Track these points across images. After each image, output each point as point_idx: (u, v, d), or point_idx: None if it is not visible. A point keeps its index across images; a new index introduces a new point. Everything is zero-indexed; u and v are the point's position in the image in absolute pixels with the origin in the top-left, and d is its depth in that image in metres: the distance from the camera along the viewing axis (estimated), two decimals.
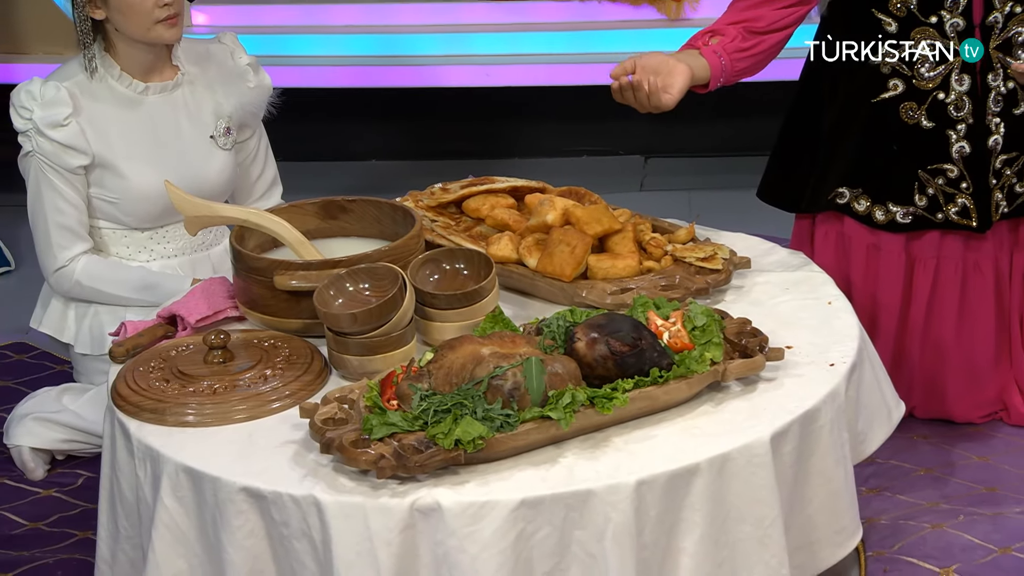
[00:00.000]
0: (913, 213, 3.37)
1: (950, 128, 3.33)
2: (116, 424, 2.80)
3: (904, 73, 3.31)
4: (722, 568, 2.65)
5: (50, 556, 3.22)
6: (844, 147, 3.37)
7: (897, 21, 3.28)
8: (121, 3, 3.36)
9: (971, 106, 3.32)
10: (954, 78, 3.31)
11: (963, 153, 3.34)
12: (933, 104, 3.32)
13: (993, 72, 3.31)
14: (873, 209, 3.38)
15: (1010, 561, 3.06)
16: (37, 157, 3.41)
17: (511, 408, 2.58)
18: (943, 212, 3.36)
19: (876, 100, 3.34)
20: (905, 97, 3.32)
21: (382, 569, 2.52)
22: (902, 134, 3.34)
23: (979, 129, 3.33)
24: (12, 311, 4.24)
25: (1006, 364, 3.50)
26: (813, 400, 2.74)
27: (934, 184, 3.35)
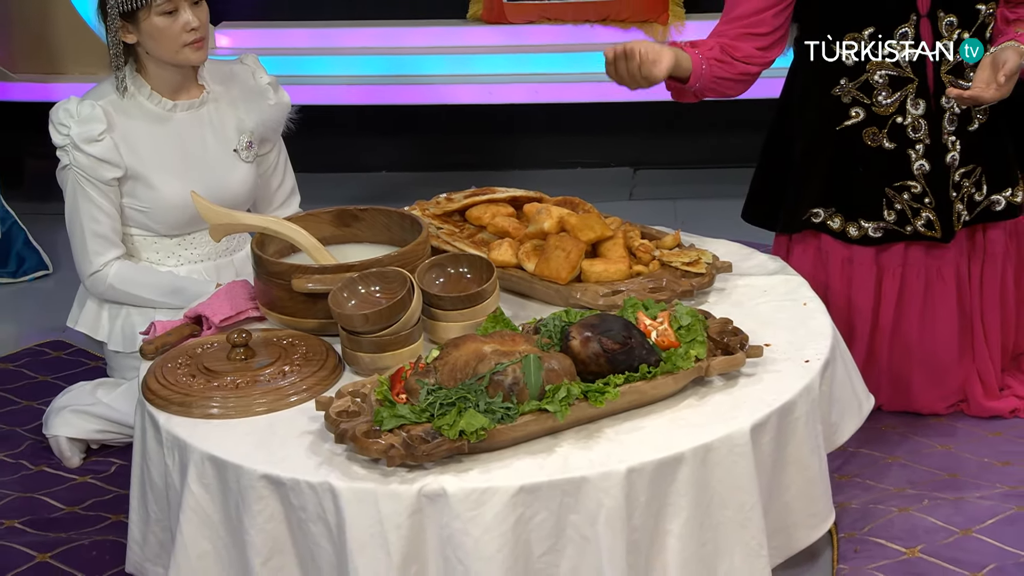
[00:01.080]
0: (884, 228, 3.37)
1: (910, 148, 3.33)
2: (146, 416, 2.80)
3: (864, 102, 3.32)
4: (705, 549, 2.65)
5: (86, 537, 3.22)
6: (816, 171, 3.37)
7: (855, 55, 3.28)
8: (152, 29, 3.36)
9: (927, 127, 3.32)
10: (910, 103, 3.31)
11: (924, 170, 3.34)
12: (893, 127, 3.32)
13: (946, 95, 3.31)
14: (847, 226, 3.39)
15: (971, 542, 3.06)
16: (74, 170, 3.41)
17: (511, 401, 2.58)
18: (911, 225, 3.36)
19: (840, 127, 3.34)
20: (867, 123, 3.33)
21: (392, 550, 2.52)
22: (867, 156, 3.34)
23: (937, 147, 3.33)
24: (50, 311, 4.23)
25: (968, 361, 3.51)
26: (790, 394, 2.74)
27: (901, 200, 3.35)
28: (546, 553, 2.56)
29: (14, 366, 4.01)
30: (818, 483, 2.82)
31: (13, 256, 4.55)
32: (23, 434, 3.67)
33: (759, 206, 3.50)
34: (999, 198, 3.41)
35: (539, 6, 4.73)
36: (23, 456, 3.58)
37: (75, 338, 3.93)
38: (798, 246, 3.45)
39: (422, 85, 4.81)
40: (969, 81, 3.22)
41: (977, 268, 3.47)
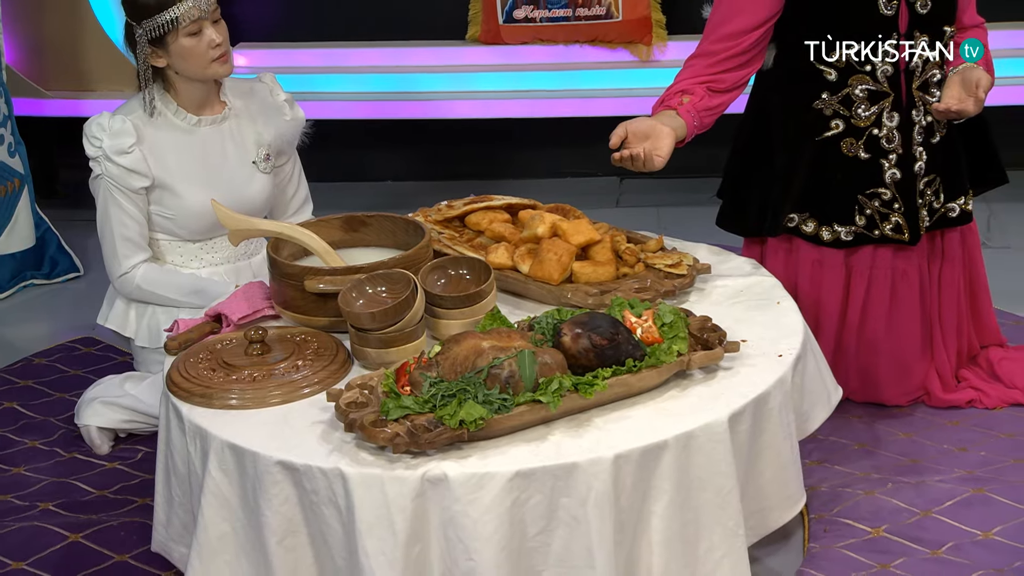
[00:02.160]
0: (855, 232, 3.37)
1: (883, 158, 3.33)
2: (170, 407, 2.80)
3: (843, 114, 3.32)
4: (687, 529, 2.65)
5: (114, 519, 3.22)
6: (795, 179, 3.37)
7: (837, 71, 3.29)
8: (180, 50, 3.35)
9: (900, 139, 3.32)
10: (885, 116, 3.31)
11: (895, 179, 3.34)
12: (869, 138, 3.32)
13: (915, 109, 3.32)
14: (820, 230, 3.39)
15: (930, 522, 3.06)
16: (105, 179, 3.41)
17: (507, 393, 2.58)
18: (879, 229, 3.36)
19: (820, 138, 3.34)
20: (845, 134, 3.33)
21: (397, 530, 2.52)
22: (843, 165, 3.34)
23: (907, 157, 3.33)
24: (81, 310, 4.23)
25: (928, 357, 3.51)
26: (764, 386, 2.74)
27: (871, 206, 3.35)
28: (540, 533, 2.56)
29: (48, 361, 4.00)
30: (791, 468, 2.82)
31: (47, 259, 4.55)
32: (56, 424, 3.67)
33: (734, 214, 3.49)
34: (954, 205, 3.42)
35: (533, 28, 4.72)
36: (56, 444, 3.58)
37: (104, 335, 3.93)
38: (771, 248, 3.45)
39: (425, 101, 4.81)
40: (934, 97, 3.23)
41: (936, 269, 3.47)
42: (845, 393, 3.13)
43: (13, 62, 4.75)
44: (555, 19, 4.71)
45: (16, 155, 4.43)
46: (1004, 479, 3.19)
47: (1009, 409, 3.49)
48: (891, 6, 3.23)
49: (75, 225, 4.67)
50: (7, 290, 4.46)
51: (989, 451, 3.32)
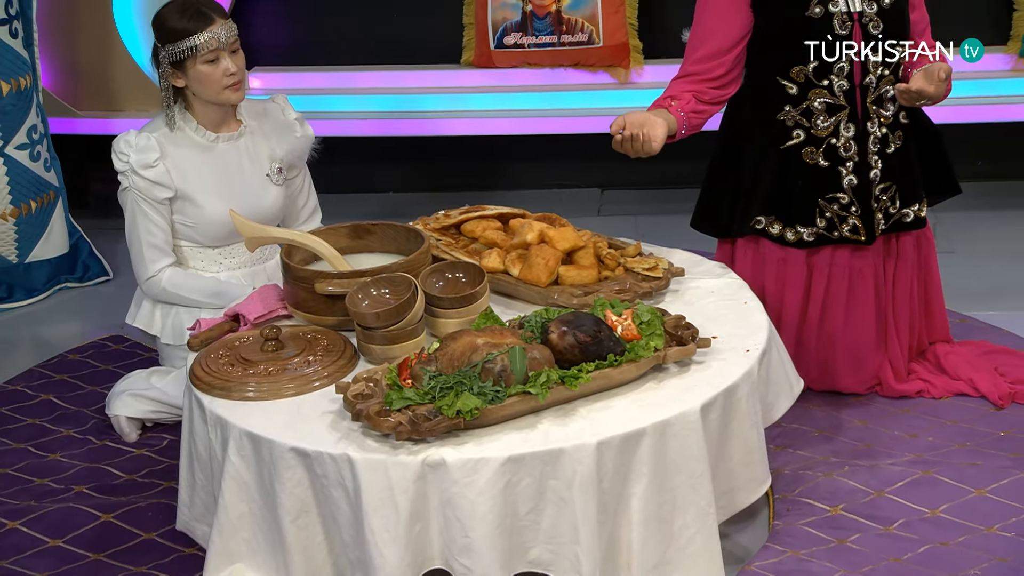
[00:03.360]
0: (816, 233, 3.37)
1: (841, 165, 3.34)
2: (193, 399, 2.79)
3: (804, 125, 3.32)
4: (663, 508, 2.65)
5: (142, 501, 3.21)
6: (761, 185, 3.37)
7: (797, 85, 3.29)
8: (198, 74, 3.35)
9: (856, 148, 3.33)
10: (843, 127, 3.32)
11: (852, 184, 3.34)
12: (828, 147, 3.33)
13: (871, 121, 3.32)
14: (784, 231, 3.39)
15: (884, 501, 3.07)
16: (133, 191, 3.40)
17: (500, 385, 2.58)
18: (838, 230, 3.37)
19: (784, 147, 3.34)
20: (806, 143, 3.33)
21: (400, 510, 2.52)
22: (805, 172, 3.34)
23: (863, 165, 3.34)
24: (111, 311, 4.22)
25: (883, 349, 3.51)
26: (733, 378, 2.74)
27: (831, 209, 3.36)
28: (529, 512, 2.56)
29: (81, 357, 4.00)
30: (757, 453, 2.83)
31: (79, 264, 4.54)
32: (89, 414, 3.66)
33: (707, 216, 3.49)
34: (908, 212, 3.42)
35: (521, 53, 4.72)
36: (89, 432, 3.57)
37: (132, 333, 3.92)
38: (740, 249, 3.45)
39: (424, 119, 4.81)
40: (888, 111, 3.24)
41: (891, 269, 3.47)
42: (805, 383, 3.13)
43: (48, 85, 4.74)
44: (541, 45, 4.71)
45: (51, 169, 4.42)
46: (950, 462, 3.20)
47: (954, 399, 3.49)
48: (845, 26, 3.24)
49: (105, 233, 4.66)
50: (43, 292, 4.46)
51: (936, 437, 3.32)
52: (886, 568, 2.84)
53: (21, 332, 4.25)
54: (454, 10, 4.76)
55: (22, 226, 4.35)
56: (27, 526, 3.13)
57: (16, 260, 4.38)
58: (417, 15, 4.85)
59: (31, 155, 4.33)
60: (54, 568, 2.99)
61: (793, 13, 3.22)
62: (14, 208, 4.31)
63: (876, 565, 2.85)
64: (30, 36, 4.32)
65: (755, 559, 2.89)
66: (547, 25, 4.68)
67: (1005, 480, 3.11)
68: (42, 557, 3.03)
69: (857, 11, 3.23)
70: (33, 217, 4.37)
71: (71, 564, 3.00)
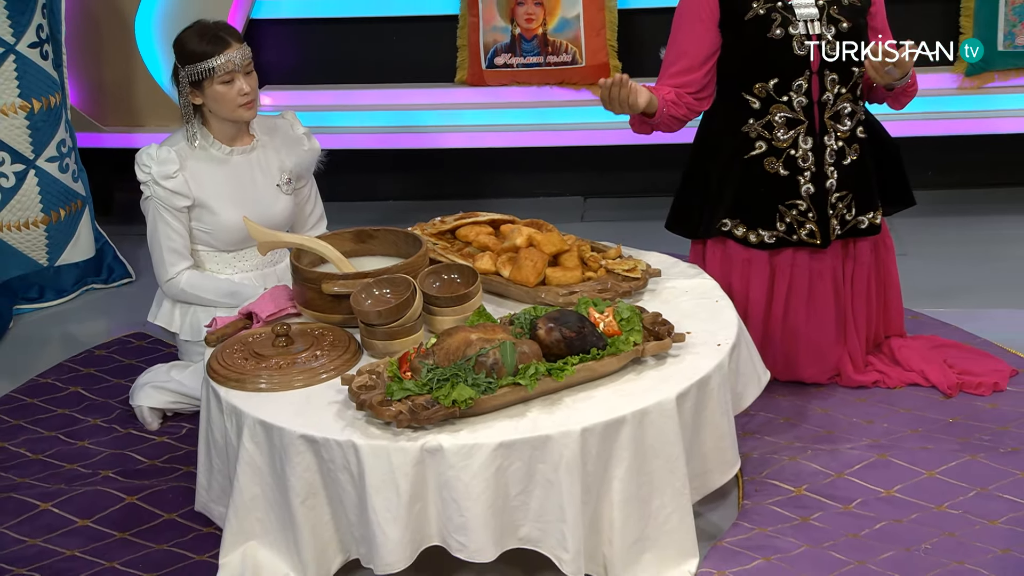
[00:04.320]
0: (776, 236, 3.38)
1: (799, 175, 3.34)
2: (210, 390, 2.79)
3: (766, 137, 3.32)
4: (642, 490, 2.65)
5: (163, 484, 3.21)
6: (727, 191, 3.38)
7: (760, 100, 3.30)
8: (214, 93, 3.35)
9: (814, 159, 3.33)
10: (801, 139, 3.32)
11: (809, 192, 3.34)
12: (787, 158, 3.33)
13: (828, 135, 3.32)
14: (748, 234, 3.39)
15: (843, 482, 3.07)
16: (154, 200, 3.40)
17: (492, 377, 2.58)
18: (796, 234, 3.37)
19: (747, 156, 3.35)
20: (768, 154, 3.33)
21: (401, 492, 2.52)
22: (766, 180, 3.35)
23: (820, 175, 3.34)
24: (133, 310, 4.22)
25: (842, 343, 3.51)
26: (706, 370, 2.75)
27: (790, 215, 3.36)
28: (520, 493, 2.56)
29: (106, 352, 3.99)
30: (728, 438, 2.83)
31: (105, 267, 4.54)
32: (114, 404, 3.65)
33: (679, 218, 3.49)
34: (863, 219, 3.42)
35: (511, 72, 4.73)
36: (114, 421, 3.57)
37: (153, 331, 3.92)
38: (710, 250, 3.45)
39: (421, 133, 4.81)
40: (845, 126, 3.24)
41: (850, 271, 3.48)
42: (771, 374, 3.14)
43: (76, 102, 4.73)
44: (529, 65, 4.71)
45: (79, 180, 4.42)
46: (903, 446, 3.20)
47: (907, 388, 3.50)
48: (804, 47, 3.24)
49: (128, 239, 4.65)
50: (71, 293, 4.45)
51: (891, 423, 3.33)
52: (845, 543, 2.85)
53: (51, 330, 4.25)
54: (449, 33, 4.76)
55: (52, 232, 4.34)
56: (58, 507, 3.13)
57: (46, 263, 4.37)
58: (414, 37, 4.85)
59: (60, 167, 4.32)
60: (83, 546, 2.99)
61: (756, 34, 3.23)
62: (44, 216, 4.31)
63: (836, 540, 2.86)
64: (59, 58, 4.31)
65: (726, 535, 2.89)
66: (534, 47, 4.68)
67: (953, 462, 3.11)
68: (72, 536, 3.03)
69: (816, 33, 3.24)
70: (62, 224, 4.37)
71: (98, 542, 3.00)
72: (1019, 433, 3.24)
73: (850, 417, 3.37)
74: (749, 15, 3.22)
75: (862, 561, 2.79)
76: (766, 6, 3.22)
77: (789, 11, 3.22)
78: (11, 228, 4.27)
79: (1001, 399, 3.41)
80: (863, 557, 2.80)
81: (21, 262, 4.32)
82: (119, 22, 4.70)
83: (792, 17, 3.22)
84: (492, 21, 4.65)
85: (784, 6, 3.22)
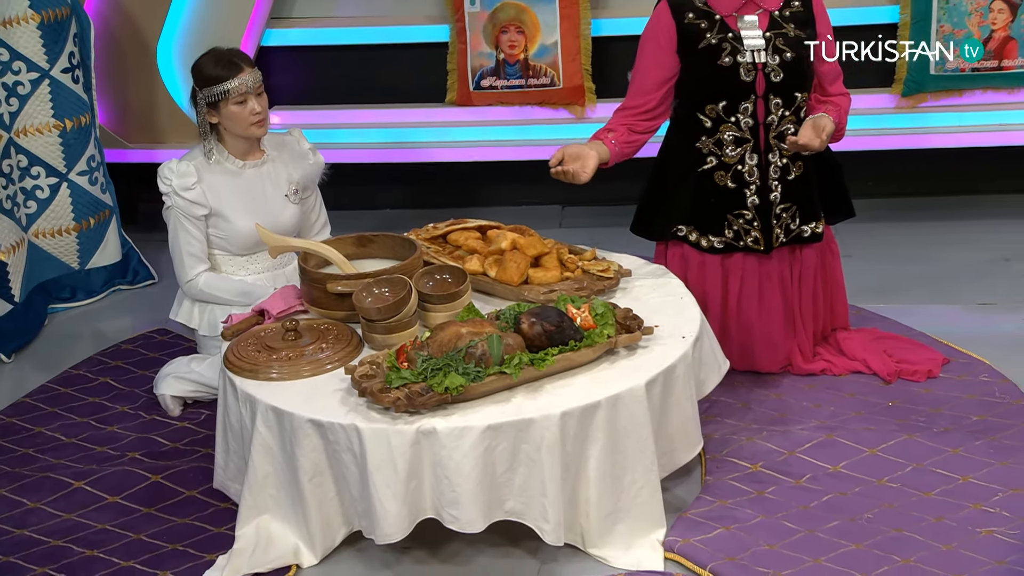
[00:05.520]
0: (724, 242, 3.38)
1: (746, 188, 3.34)
2: (226, 379, 2.79)
3: (716, 152, 3.33)
4: (615, 467, 2.66)
5: (184, 464, 3.20)
6: (682, 200, 3.38)
7: (711, 120, 3.30)
8: (230, 114, 3.34)
9: (759, 174, 3.34)
10: (747, 156, 3.32)
11: (755, 204, 3.35)
12: (735, 172, 3.33)
13: (772, 153, 3.32)
14: (700, 239, 3.39)
15: (794, 460, 3.08)
16: (175, 210, 3.39)
17: (480, 366, 2.59)
18: (743, 241, 3.37)
19: (700, 170, 3.35)
20: (717, 168, 3.33)
21: (399, 470, 2.52)
22: (716, 191, 3.34)
23: (765, 189, 3.34)
24: (156, 309, 4.20)
25: (791, 337, 3.52)
26: (672, 360, 2.76)
27: (737, 223, 3.36)
28: (506, 471, 2.57)
29: (132, 346, 3.98)
30: (692, 421, 2.84)
31: (130, 270, 4.52)
32: (140, 393, 3.64)
33: (642, 223, 3.50)
34: (807, 228, 3.42)
35: (495, 93, 4.72)
36: (140, 408, 3.55)
37: (175, 327, 3.91)
38: (670, 251, 3.45)
39: (415, 148, 4.80)
40: (793, 135, 3.26)
41: (797, 273, 3.48)
42: (730, 364, 3.15)
43: (104, 121, 4.71)
44: (512, 86, 4.71)
45: (106, 192, 4.40)
46: (847, 427, 3.21)
47: (851, 376, 3.50)
48: (750, 74, 3.25)
49: (151, 244, 4.63)
50: (100, 294, 4.43)
51: (836, 407, 3.34)
52: (796, 513, 2.86)
53: (82, 327, 4.23)
54: (440, 58, 4.76)
55: (82, 239, 4.33)
56: (90, 486, 3.12)
57: (78, 267, 4.36)
58: (409, 62, 4.84)
59: (90, 180, 4.31)
60: (113, 520, 2.98)
61: (708, 61, 3.24)
62: (76, 224, 4.30)
63: (788, 511, 2.87)
64: (88, 81, 4.30)
65: (690, 507, 2.90)
66: (517, 70, 4.69)
67: (892, 441, 3.13)
68: (103, 511, 3.02)
69: (761, 62, 3.25)
70: (92, 231, 4.35)
71: (127, 516, 3.00)
72: (951, 415, 3.25)
73: (800, 402, 3.38)
74: (703, 44, 3.23)
75: (811, 529, 2.80)
76: (718, 36, 3.23)
77: (738, 41, 3.23)
78: (46, 235, 4.26)
79: (934, 385, 3.42)
80: (812, 526, 2.81)
81: (55, 265, 4.31)
82: (142, 49, 4.68)
83: (740, 47, 3.23)
84: (479, 47, 4.65)
85: (734, 37, 3.23)
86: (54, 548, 2.89)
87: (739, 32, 3.23)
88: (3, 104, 4.08)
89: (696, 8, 3.23)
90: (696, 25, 3.23)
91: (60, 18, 4.14)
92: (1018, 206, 4.59)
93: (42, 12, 4.08)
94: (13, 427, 3.48)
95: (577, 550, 2.72)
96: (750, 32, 3.24)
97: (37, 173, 4.19)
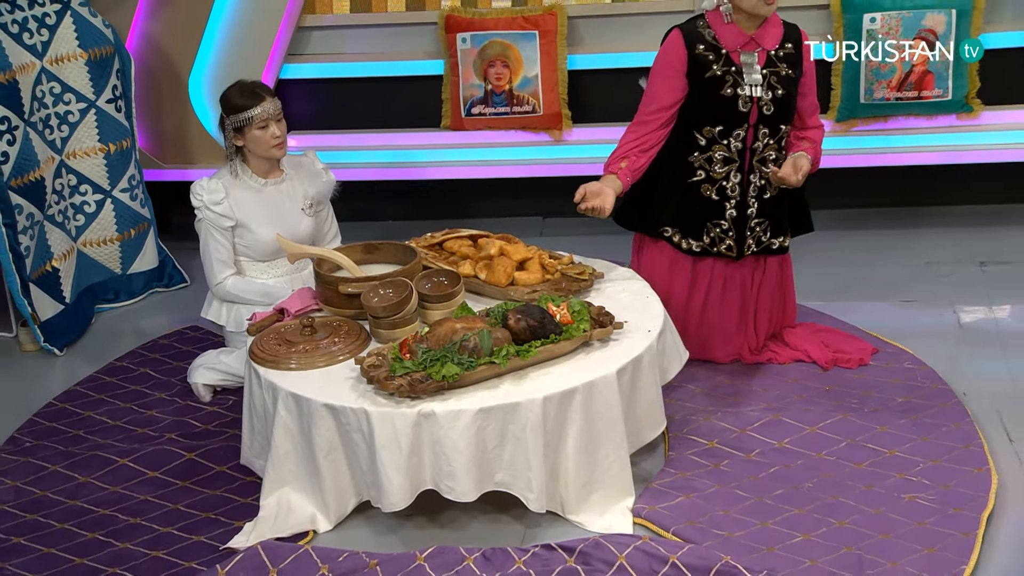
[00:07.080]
0: (701, 246, 3.38)
1: (727, 201, 3.33)
2: (251, 369, 2.79)
3: (706, 168, 3.31)
4: (590, 444, 2.67)
5: (215, 444, 3.19)
6: (669, 205, 3.36)
7: (706, 139, 3.29)
8: (253, 137, 3.35)
9: (740, 191, 3.33)
10: (732, 174, 3.32)
11: (732, 216, 3.34)
12: (719, 187, 3.33)
13: (754, 174, 3.32)
14: (682, 241, 3.39)
15: (745, 437, 3.09)
16: (205, 222, 3.39)
17: (473, 357, 2.60)
18: (718, 247, 3.38)
19: (689, 181, 3.34)
20: (705, 181, 3.32)
21: (402, 447, 2.53)
22: (701, 201, 3.34)
23: (743, 204, 3.34)
24: (189, 308, 4.19)
25: (743, 332, 3.53)
26: (639, 351, 2.77)
27: (714, 231, 3.36)
28: (495, 448, 2.58)
29: (168, 341, 3.97)
30: (656, 404, 2.85)
31: (166, 275, 4.51)
32: (175, 382, 3.63)
33: (627, 215, 3.45)
34: (775, 241, 3.42)
35: (484, 119, 4.72)
36: (176, 395, 3.55)
37: (205, 324, 3.90)
38: (648, 248, 3.42)
39: (415, 168, 4.80)
40: (767, 167, 3.26)
41: (759, 279, 3.47)
42: (690, 354, 3.16)
43: (143, 144, 4.70)
44: (499, 113, 4.71)
45: (145, 206, 4.40)
46: (791, 408, 3.22)
47: (794, 364, 3.51)
48: (746, 105, 3.25)
49: (184, 252, 4.62)
50: (140, 295, 4.42)
51: (782, 391, 3.34)
52: (747, 483, 2.87)
53: (124, 324, 4.22)
54: (435, 89, 4.77)
55: (124, 247, 4.33)
56: (133, 462, 3.11)
57: (120, 272, 4.36)
58: (410, 92, 4.84)
59: (130, 196, 4.31)
60: (153, 492, 2.98)
61: (711, 89, 3.23)
62: (118, 235, 4.30)
63: (740, 482, 2.88)
64: (129, 110, 4.29)
65: (656, 479, 2.91)
66: (503, 99, 4.69)
67: (829, 420, 3.14)
68: (144, 484, 3.02)
69: (757, 96, 3.25)
70: (132, 241, 4.35)
71: (165, 489, 2.99)
72: (879, 397, 3.27)
73: (750, 387, 3.39)
74: (708, 74, 3.22)
75: (760, 497, 2.81)
76: (723, 68, 3.22)
77: (740, 75, 3.23)
78: (92, 244, 4.26)
79: (866, 371, 3.44)
80: (760, 494, 2.82)
81: (100, 271, 4.30)
82: (176, 82, 4.68)
83: (742, 80, 3.23)
84: (469, 79, 4.66)
85: (737, 71, 3.23)
86: (102, 516, 2.89)
87: (741, 67, 3.23)
88: (56, 131, 4.08)
89: (706, 41, 3.22)
90: (705, 56, 3.21)
91: (105, 55, 4.14)
92: (936, 217, 4.63)
93: (89, 50, 4.09)
94: (65, 412, 3.47)
95: (557, 516, 2.73)
96: (751, 69, 3.24)
97: (85, 191, 4.19)
